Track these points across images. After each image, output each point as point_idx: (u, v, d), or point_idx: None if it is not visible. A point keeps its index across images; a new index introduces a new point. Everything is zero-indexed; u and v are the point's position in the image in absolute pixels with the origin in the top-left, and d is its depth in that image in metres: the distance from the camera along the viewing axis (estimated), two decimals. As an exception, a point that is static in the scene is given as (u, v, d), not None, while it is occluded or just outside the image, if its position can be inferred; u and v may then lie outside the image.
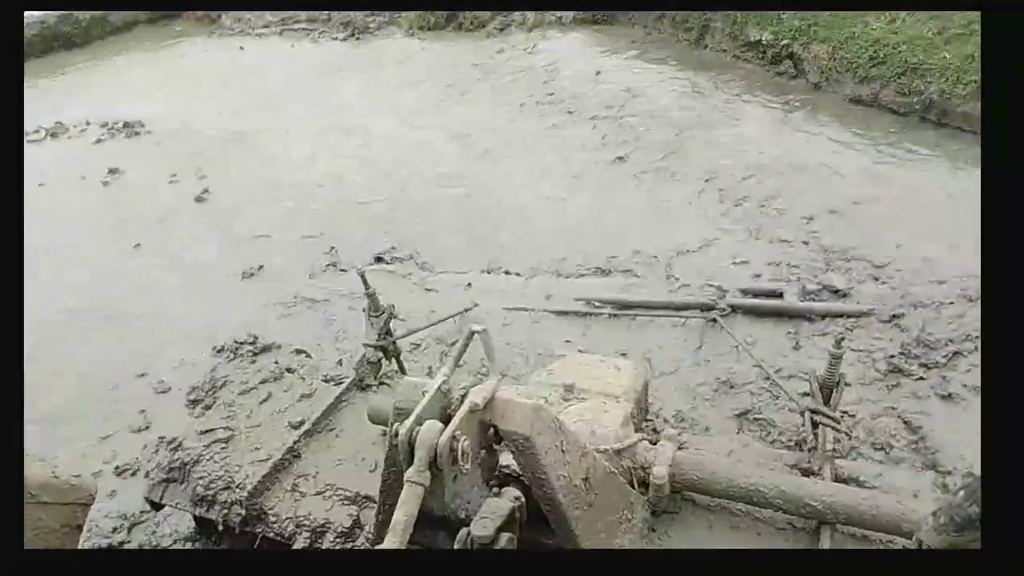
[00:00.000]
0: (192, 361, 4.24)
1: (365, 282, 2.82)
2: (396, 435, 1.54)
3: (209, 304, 4.95)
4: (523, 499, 1.77)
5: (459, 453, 1.53)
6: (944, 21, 6.04)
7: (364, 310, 2.93)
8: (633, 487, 2.05)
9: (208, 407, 2.90)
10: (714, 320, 3.69)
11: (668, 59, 7.73)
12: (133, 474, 3.58)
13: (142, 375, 4.28)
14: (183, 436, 2.68)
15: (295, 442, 2.63)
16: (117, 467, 3.64)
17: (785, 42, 6.68)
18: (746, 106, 6.50)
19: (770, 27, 6.85)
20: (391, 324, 2.94)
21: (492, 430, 1.67)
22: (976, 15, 5.66)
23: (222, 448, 2.65)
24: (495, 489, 1.81)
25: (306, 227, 5.66)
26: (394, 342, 2.93)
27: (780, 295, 3.95)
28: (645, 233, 4.92)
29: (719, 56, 7.39)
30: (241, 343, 3.96)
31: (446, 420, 1.57)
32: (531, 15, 9.59)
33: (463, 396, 1.63)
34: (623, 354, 3.75)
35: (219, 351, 3.89)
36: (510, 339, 4.07)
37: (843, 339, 2.30)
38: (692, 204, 5.09)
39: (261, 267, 5.27)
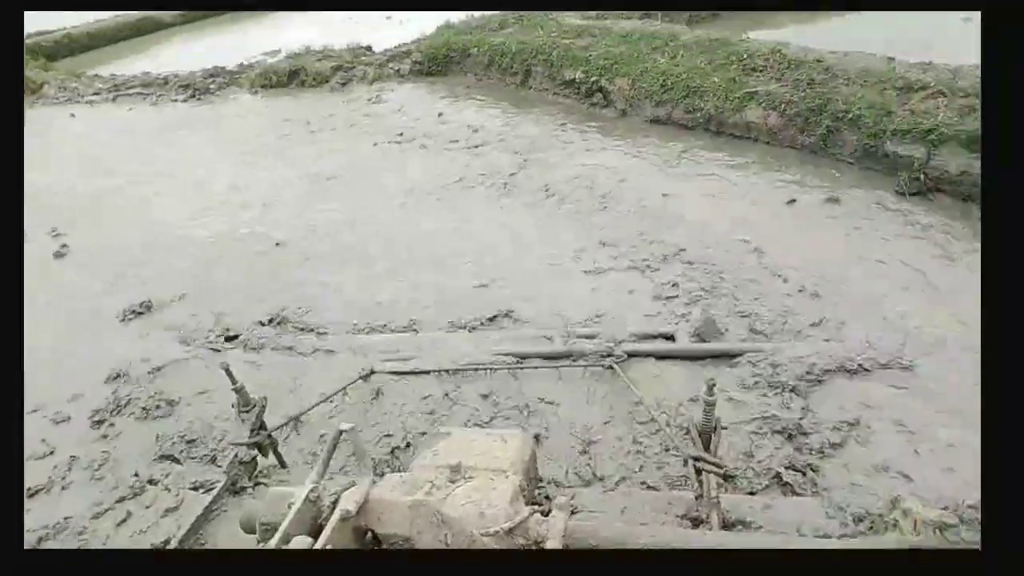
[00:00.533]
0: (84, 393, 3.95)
1: (231, 376, 2.50)
2: None
3: (85, 353, 4.45)
4: None
5: None
6: (712, 54, 7.09)
7: (233, 405, 2.58)
8: None
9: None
10: (611, 367, 3.57)
11: (500, 100, 8.27)
12: (47, 492, 3.20)
13: (34, 411, 3.96)
14: None
15: None
16: (29, 488, 3.24)
17: (594, 79, 7.44)
18: (571, 132, 7.09)
19: (581, 67, 7.60)
20: (264, 416, 2.56)
21: (370, 534, 1.55)
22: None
23: None
24: None
25: (176, 284, 5.13)
26: (269, 435, 2.58)
27: (672, 338, 3.90)
28: (525, 258, 4.93)
29: (542, 95, 8.11)
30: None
31: (317, 531, 1.45)
32: (371, 70, 9.56)
33: (334, 502, 1.51)
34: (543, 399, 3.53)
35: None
36: (407, 405, 3.67)
37: (714, 385, 2.24)
38: (550, 216, 5.44)
39: (138, 311, 4.73)
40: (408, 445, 3.28)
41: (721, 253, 4.72)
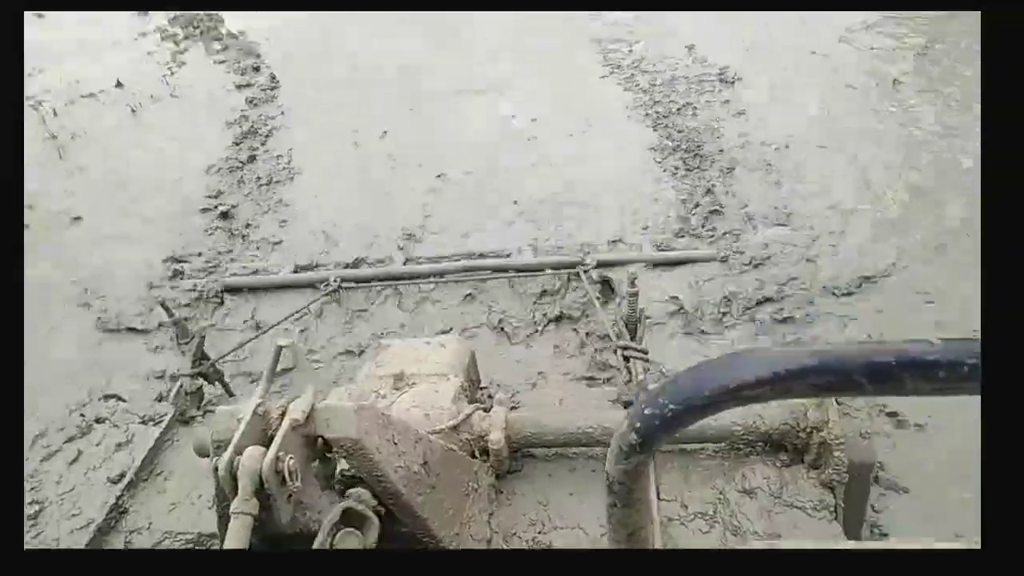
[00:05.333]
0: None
1: (168, 310, 2.32)
2: (217, 470, 1.40)
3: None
4: (372, 497, 1.63)
5: (286, 473, 1.40)
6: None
7: (172, 338, 2.41)
8: (476, 457, 1.90)
9: None
10: (578, 275, 3.37)
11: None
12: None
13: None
14: None
15: (118, 497, 2.11)
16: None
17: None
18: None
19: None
20: (205, 346, 2.45)
21: (320, 440, 1.57)
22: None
23: (32, 526, 2.14)
24: (342, 493, 1.68)
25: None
26: (213, 365, 2.43)
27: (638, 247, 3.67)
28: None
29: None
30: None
31: (268, 442, 1.44)
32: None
33: (282, 414, 1.51)
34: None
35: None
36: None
37: (636, 278, 2.16)
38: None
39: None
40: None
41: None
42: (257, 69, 5.93)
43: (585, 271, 3.35)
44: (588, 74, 5.25)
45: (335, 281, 3.38)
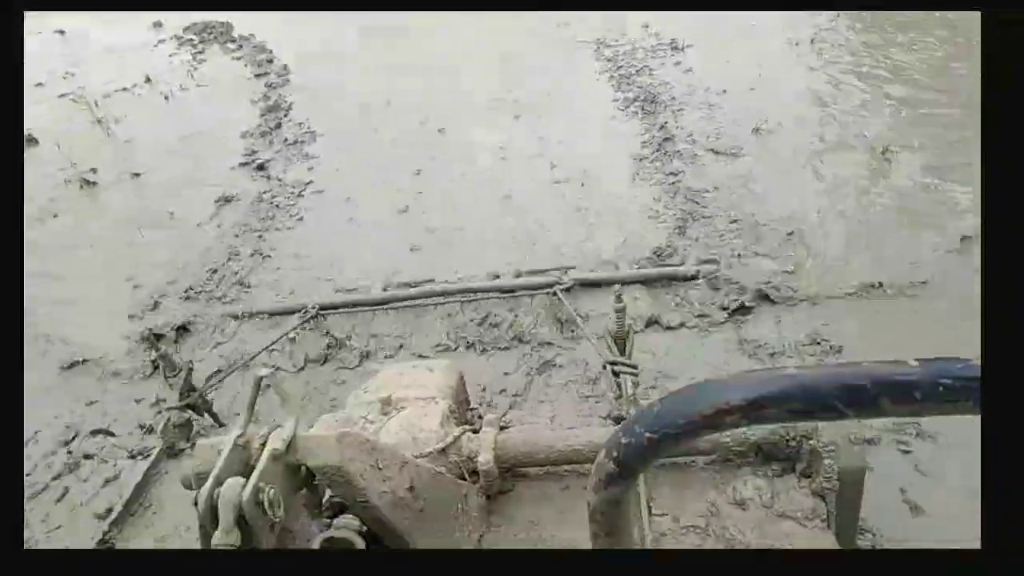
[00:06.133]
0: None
1: (154, 345, 2.30)
2: (197, 503, 1.39)
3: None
4: (359, 523, 1.62)
5: (266, 503, 1.38)
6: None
7: (160, 372, 2.40)
8: (465, 479, 1.87)
9: None
10: (555, 294, 3.34)
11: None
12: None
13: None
14: None
15: (105, 533, 2.06)
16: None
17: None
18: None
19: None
20: (192, 378, 2.44)
21: (304, 469, 1.55)
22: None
23: None
24: (330, 520, 1.67)
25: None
26: (201, 396, 2.41)
27: (615, 267, 3.69)
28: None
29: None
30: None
31: (250, 473, 1.43)
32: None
33: (263, 444, 1.48)
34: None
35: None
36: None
37: (622, 293, 2.17)
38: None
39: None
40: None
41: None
42: (271, 61, 6.86)
43: (563, 289, 3.37)
44: (561, 49, 6.24)
45: (313, 308, 3.38)
